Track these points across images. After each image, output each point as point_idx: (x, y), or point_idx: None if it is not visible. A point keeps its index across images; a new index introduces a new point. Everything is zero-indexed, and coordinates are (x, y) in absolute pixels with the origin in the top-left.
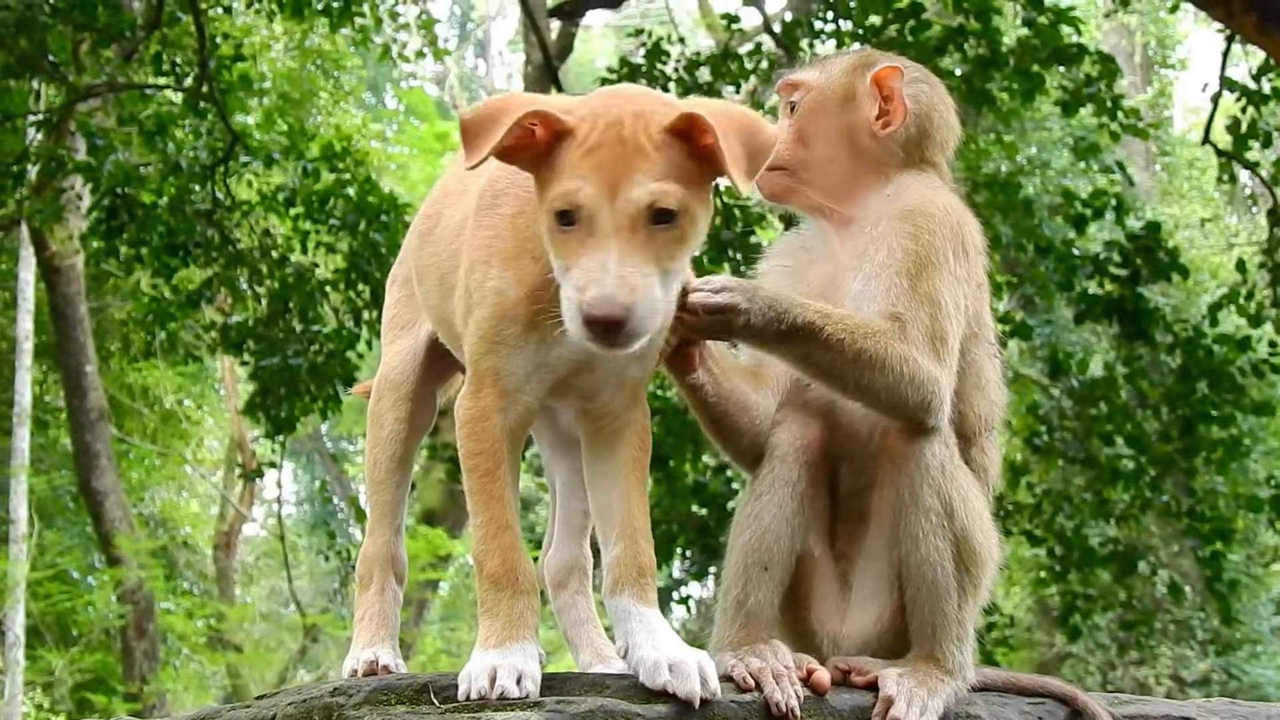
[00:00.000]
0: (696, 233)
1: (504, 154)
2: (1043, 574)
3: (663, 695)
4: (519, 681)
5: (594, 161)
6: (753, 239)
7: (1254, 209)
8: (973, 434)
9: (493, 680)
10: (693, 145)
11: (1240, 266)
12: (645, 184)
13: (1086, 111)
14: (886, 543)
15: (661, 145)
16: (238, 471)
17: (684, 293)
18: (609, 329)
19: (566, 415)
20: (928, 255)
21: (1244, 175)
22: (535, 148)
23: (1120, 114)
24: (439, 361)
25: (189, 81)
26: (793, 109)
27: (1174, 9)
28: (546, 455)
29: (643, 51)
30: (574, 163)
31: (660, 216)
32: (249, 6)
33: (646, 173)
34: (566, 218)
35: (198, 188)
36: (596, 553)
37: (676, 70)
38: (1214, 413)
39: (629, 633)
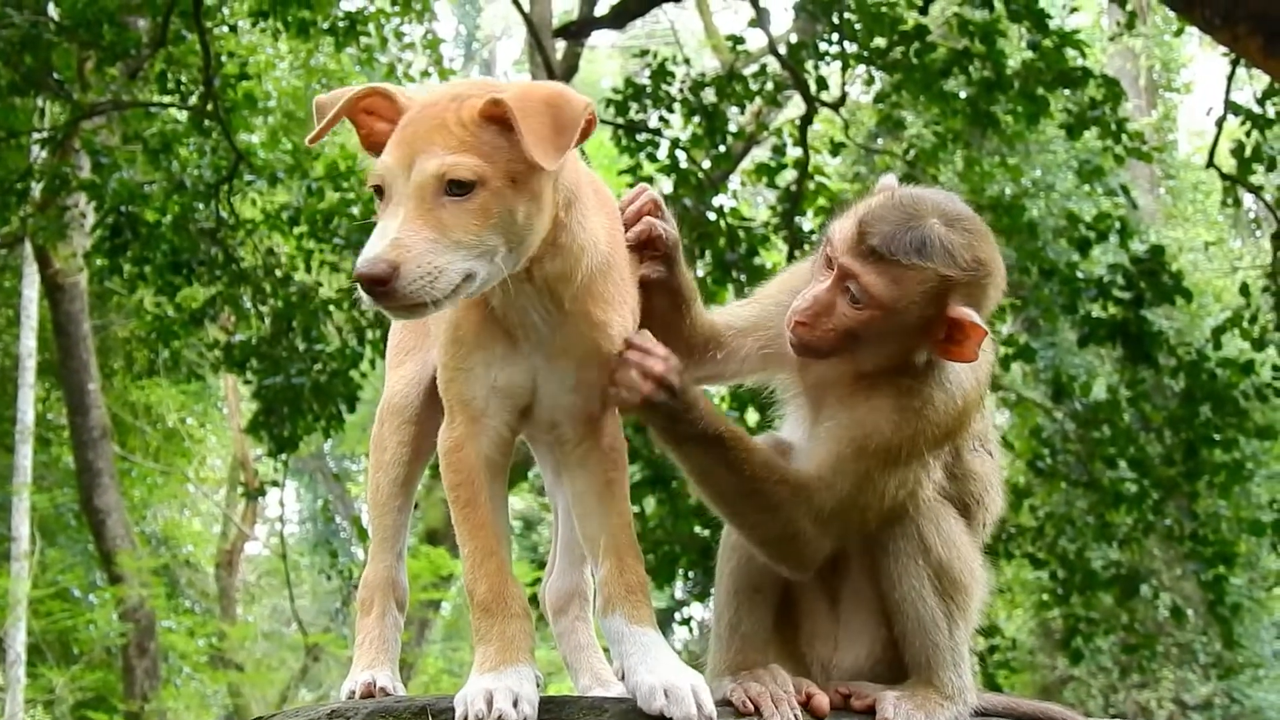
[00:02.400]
0: (504, 211)
1: (367, 143)
2: (1045, 597)
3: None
4: (515, 704)
5: (400, 137)
6: (756, 260)
7: (1258, 233)
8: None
9: (489, 703)
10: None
11: (1244, 290)
12: (440, 155)
13: (1091, 134)
14: (868, 580)
15: (470, 125)
16: (240, 490)
17: (625, 346)
18: (373, 287)
19: (558, 449)
20: (899, 446)
21: (1248, 199)
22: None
23: (1125, 137)
24: None
25: (194, 100)
26: (853, 300)
27: (1179, 33)
28: (549, 483)
29: (648, 72)
30: (391, 139)
31: (454, 188)
32: (254, 25)
33: (444, 145)
34: (379, 193)
35: (202, 206)
36: None
37: (681, 91)
38: (1217, 436)
39: (623, 655)
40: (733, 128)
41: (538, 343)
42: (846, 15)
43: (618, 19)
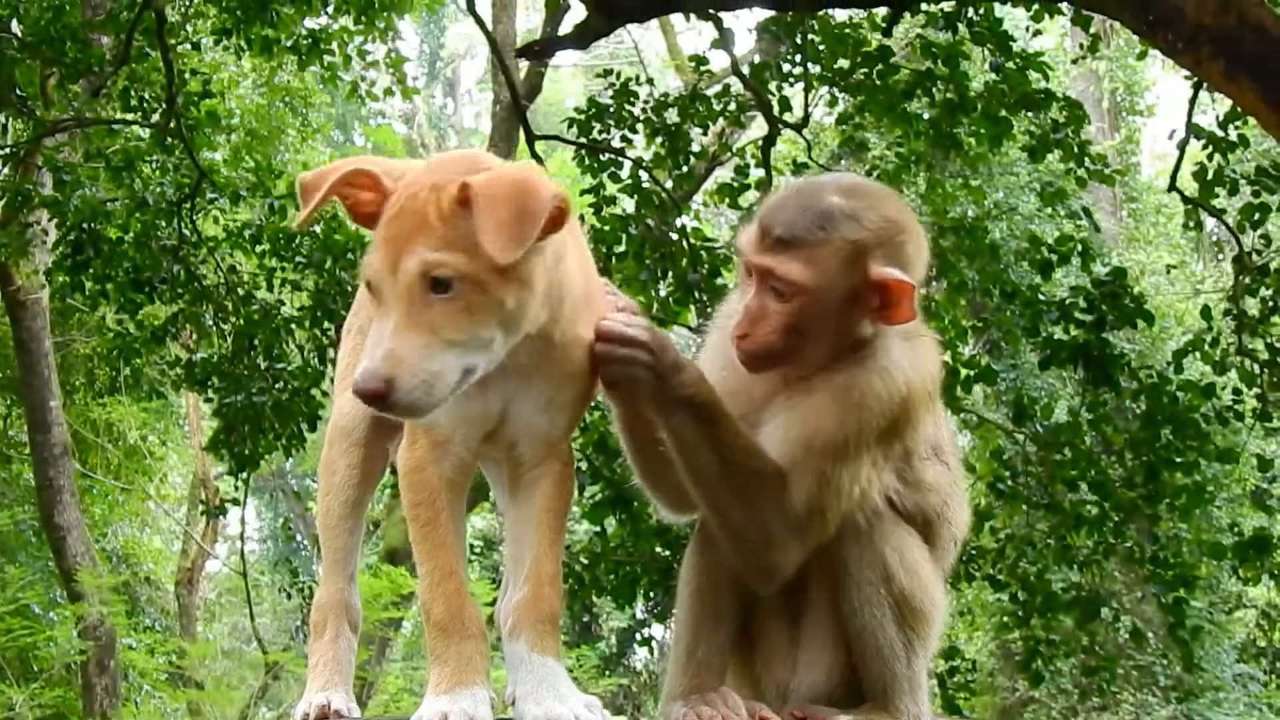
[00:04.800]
0: (493, 302)
1: (354, 214)
2: (1005, 619)
3: None
4: None
5: (387, 233)
6: (719, 281)
7: (1220, 256)
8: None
9: None
10: None
11: (1205, 313)
12: (421, 254)
13: (1054, 157)
14: (828, 606)
15: (450, 216)
16: (201, 508)
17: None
18: (373, 401)
19: (510, 469)
20: (845, 440)
21: (1210, 222)
22: (375, 212)
23: (1087, 160)
24: None
25: (156, 117)
26: (778, 294)
27: (1142, 55)
28: (502, 503)
29: (610, 92)
30: (378, 233)
31: (438, 286)
32: (217, 43)
33: (425, 243)
34: (369, 288)
35: (164, 223)
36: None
37: (644, 111)
38: (1178, 459)
39: (517, 682)
40: (695, 148)
41: (516, 371)
42: (810, 36)
43: (581, 38)
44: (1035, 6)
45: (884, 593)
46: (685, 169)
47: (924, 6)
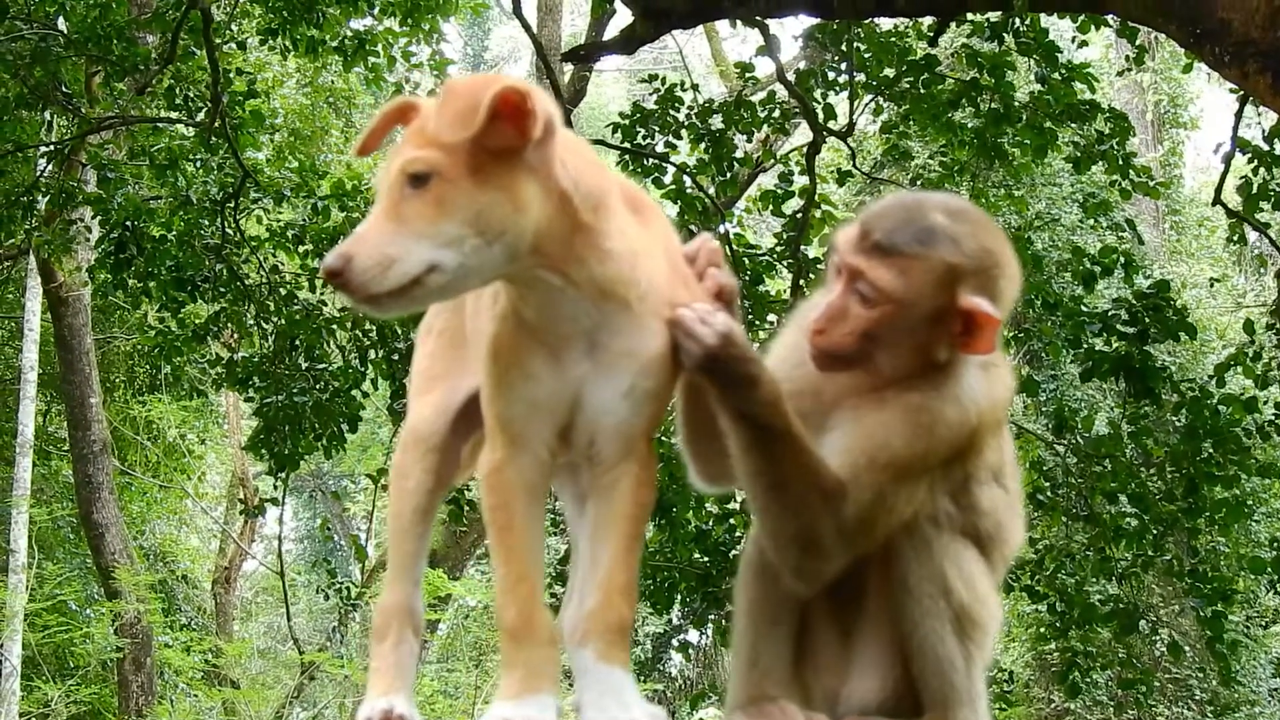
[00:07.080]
0: (463, 201)
1: None
2: (1043, 630)
3: None
4: None
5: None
6: (761, 288)
7: (1263, 270)
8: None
9: None
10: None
11: (1248, 327)
12: (404, 153)
13: (1097, 168)
14: (885, 618)
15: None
16: (239, 507)
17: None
18: (332, 280)
19: (588, 471)
20: (909, 461)
21: (1253, 236)
22: None
23: (1131, 172)
24: (468, 417)
25: (201, 116)
26: (863, 299)
27: (1187, 68)
28: (569, 512)
29: (655, 98)
30: None
31: (414, 181)
32: (263, 43)
33: (410, 143)
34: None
35: (207, 222)
36: None
37: (689, 117)
38: (1218, 473)
39: (582, 689)
40: (739, 154)
41: (589, 349)
42: (855, 45)
43: (626, 44)
44: (1081, 18)
45: (944, 606)
46: (729, 175)
47: (970, 16)
